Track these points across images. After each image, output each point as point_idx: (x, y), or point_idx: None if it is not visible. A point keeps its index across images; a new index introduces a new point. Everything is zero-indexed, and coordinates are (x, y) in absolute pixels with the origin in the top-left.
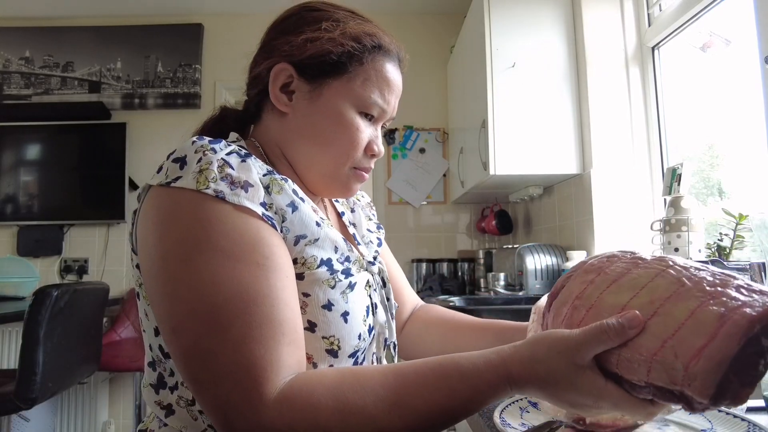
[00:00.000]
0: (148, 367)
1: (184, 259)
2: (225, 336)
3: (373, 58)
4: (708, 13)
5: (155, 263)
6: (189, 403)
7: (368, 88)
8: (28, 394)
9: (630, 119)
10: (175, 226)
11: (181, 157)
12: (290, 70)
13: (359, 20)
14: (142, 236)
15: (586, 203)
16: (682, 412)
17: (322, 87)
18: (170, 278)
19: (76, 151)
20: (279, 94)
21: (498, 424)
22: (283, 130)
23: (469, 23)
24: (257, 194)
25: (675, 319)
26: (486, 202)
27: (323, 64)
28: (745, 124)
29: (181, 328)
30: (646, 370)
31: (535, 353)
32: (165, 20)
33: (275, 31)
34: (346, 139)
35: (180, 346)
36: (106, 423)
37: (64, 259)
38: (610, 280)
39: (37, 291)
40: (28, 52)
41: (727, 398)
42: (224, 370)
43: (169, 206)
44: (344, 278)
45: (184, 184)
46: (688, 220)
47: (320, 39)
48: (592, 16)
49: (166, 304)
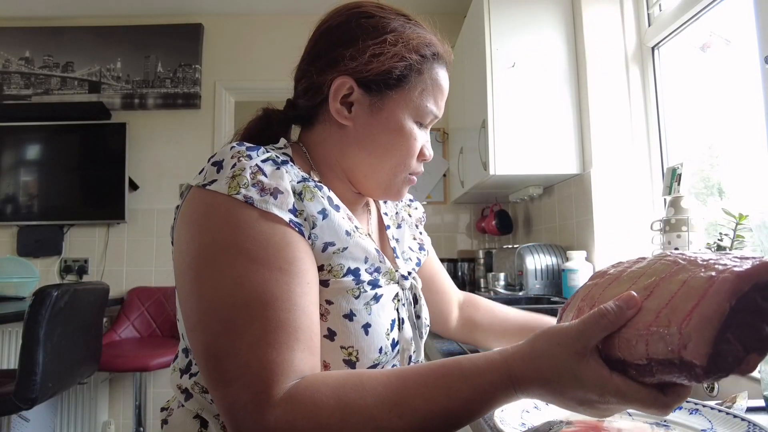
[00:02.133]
0: (181, 353)
1: (210, 259)
2: (241, 337)
3: (430, 67)
4: (708, 13)
5: (185, 261)
6: (203, 390)
7: (426, 98)
8: (28, 394)
9: (630, 119)
10: (205, 227)
11: (219, 161)
12: (351, 83)
13: (414, 26)
14: (177, 233)
15: (586, 203)
16: (682, 413)
17: (383, 100)
18: (196, 276)
19: (76, 151)
20: (340, 108)
21: (498, 424)
22: (341, 140)
23: (469, 23)
24: (286, 201)
25: (669, 292)
26: (486, 202)
27: (387, 79)
28: (745, 124)
29: (202, 325)
30: (645, 344)
31: (536, 348)
32: (165, 20)
33: (330, 40)
34: (404, 148)
35: (199, 343)
36: (106, 423)
37: (64, 260)
38: (612, 278)
39: (37, 291)
40: (28, 52)
41: (729, 362)
42: (236, 371)
43: (202, 208)
44: (370, 289)
45: (217, 187)
46: (688, 220)
47: (385, 54)
48: (592, 16)
49: (190, 301)
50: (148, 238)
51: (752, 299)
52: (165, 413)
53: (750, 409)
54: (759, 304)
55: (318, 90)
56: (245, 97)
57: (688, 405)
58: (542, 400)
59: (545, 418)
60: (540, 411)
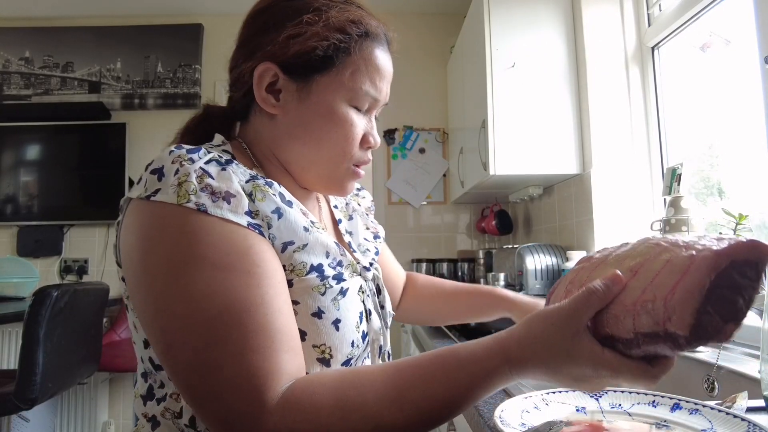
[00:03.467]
0: (140, 378)
1: (173, 274)
2: (223, 348)
3: (361, 46)
4: (708, 13)
5: (142, 279)
6: (175, 415)
7: (358, 79)
8: (28, 394)
9: (630, 119)
10: (159, 241)
11: (159, 168)
12: (275, 70)
13: (340, 5)
14: (125, 251)
15: (586, 203)
16: (682, 413)
17: (310, 84)
18: (161, 294)
19: (76, 151)
20: (265, 96)
21: (498, 424)
22: (273, 131)
23: (469, 23)
24: (240, 204)
25: (653, 270)
26: (486, 202)
27: (309, 60)
28: (745, 124)
29: (178, 343)
30: (632, 319)
31: (531, 330)
32: (165, 20)
33: (253, 27)
34: (340, 135)
35: (177, 362)
36: (106, 423)
37: (64, 260)
38: (598, 262)
39: (37, 291)
40: (28, 52)
41: (709, 332)
42: (225, 383)
43: (152, 221)
44: (335, 284)
45: (164, 198)
46: (688, 220)
47: (303, 35)
48: (591, 16)
49: (159, 321)
50: None
51: (729, 275)
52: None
53: (750, 409)
54: (735, 279)
55: (243, 79)
56: None
57: (688, 405)
58: (537, 380)
59: (545, 418)
60: (540, 411)
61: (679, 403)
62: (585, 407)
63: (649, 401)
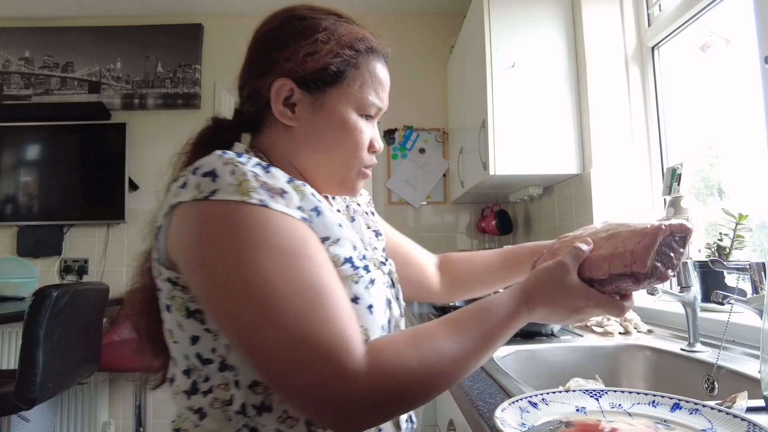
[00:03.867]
0: (181, 375)
1: (248, 263)
2: (307, 322)
3: (366, 61)
4: (708, 13)
5: (215, 272)
6: (225, 403)
7: (365, 91)
8: (28, 394)
9: (630, 119)
10: (229, 235)
11: (210, 171)
12: (291, 85)
13: (345, 23)
14: (187, 251)
15: (586, 203)
16: (682, 413)
17: (323, 96)
18: (239, 282)
19: (76, 151)
20: (282, 109)
21: (498, 424)
22: (289, 141)
23: (469, 23)
24: (292, 200)
25: (621, 236)
26: (486, 202)
27: (324, 76)
28: (745, 124)
29: (265, 323)
30: (608, 264)
31: (540, 277)
32: (165, 20)
33: (265, 44)
34: (351, 142)
35: (266, 341)
36: (106, 423)
37: (64, 260)
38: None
39: (37, 291)
40: (28, 52)
41: (657, 273)
42: (312, 354)
43: (217, 218)
44: (365, 274)
45: (225, 196)
46: (688, 220)
47: (318, 53)
48: (591, 16)
49: (240, 307)
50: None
51: (669, 240)
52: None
53: (750, 409)
54: (672, 244)
55: (259, 95)
56: None
57: (688, 405)
58: (542, 316)
59: (545, 418)
60: (540, 411)
61: (679, 403)
62: (585, 407)
63: (649, 401)
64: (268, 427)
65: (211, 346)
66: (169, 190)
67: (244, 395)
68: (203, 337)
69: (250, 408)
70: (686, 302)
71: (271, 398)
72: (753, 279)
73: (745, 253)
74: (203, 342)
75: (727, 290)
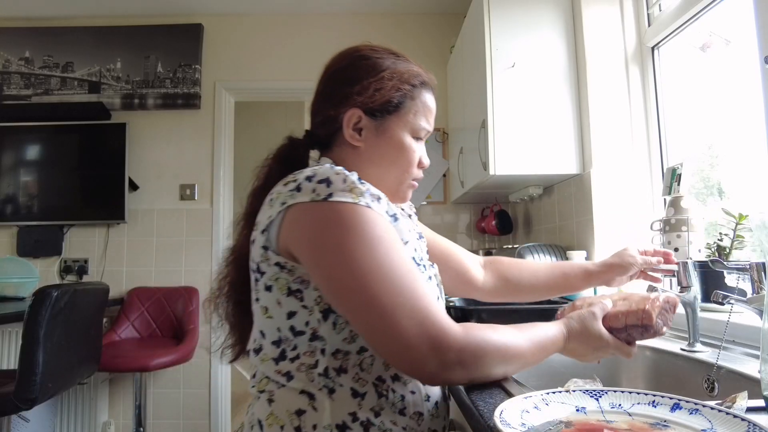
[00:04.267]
0: (271, 345)
1: (365, 250)
2: (414, 294)
3: (419, 93)
4: (707, 13)
5: (336, 257)
6: (311, 367)
7: (418, 118)
8: (28, 394)
9: (630, 119)
10: (347, 228)
11: (325, 178)
12: (360, 114)
13: (402, 62)
14: (309, 241)
15: (586, 203)
16: (682, 413)
17: (385, 123)
18: (362, 265)
19: (76, 151)
20: (352, 133)
21: (498, 424)
22: (355, 158)
23: (469, 23)
24: (384, 204)
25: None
26: (486, 202)
27: (387, 106)
28: (745, 124)
29: (383, 294)
30: (624, 318)
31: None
32: (165, 20)
33: (338, 80)
34: (406, 160)
35: (383, 307)
36: (106, 423)
37: (64, 260)
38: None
39: (37, 291)
40: (28, 52)
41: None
42: (422, 317)
43: (337, 215)
44: (424, 271)
45: (342, 198)
46: (688, 220)
47: (384, 88)
48: (591, 16)
49: (359, 282)
50: (148, 239)
51: (666, 306)
52: (265, 394)
53: (750, 409)
54: (667, 309)
55: (333, 121)
56: (245, 97)
57: (688, 405)
58: (572, 348)
59: (545, 418)
60: (540, 411)
61: (679, 403)
62: (585, 407)
63: (649, 401)
64: (344, 386)
65: (306, 320)
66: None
67: (327, 360)
68: (299, 312)
69: (331, 371)
70: (686, 302)
71: (347, 362)
72: (753, 279)
73: (745, 253)
74: (299, 316)
75: (727, 290)
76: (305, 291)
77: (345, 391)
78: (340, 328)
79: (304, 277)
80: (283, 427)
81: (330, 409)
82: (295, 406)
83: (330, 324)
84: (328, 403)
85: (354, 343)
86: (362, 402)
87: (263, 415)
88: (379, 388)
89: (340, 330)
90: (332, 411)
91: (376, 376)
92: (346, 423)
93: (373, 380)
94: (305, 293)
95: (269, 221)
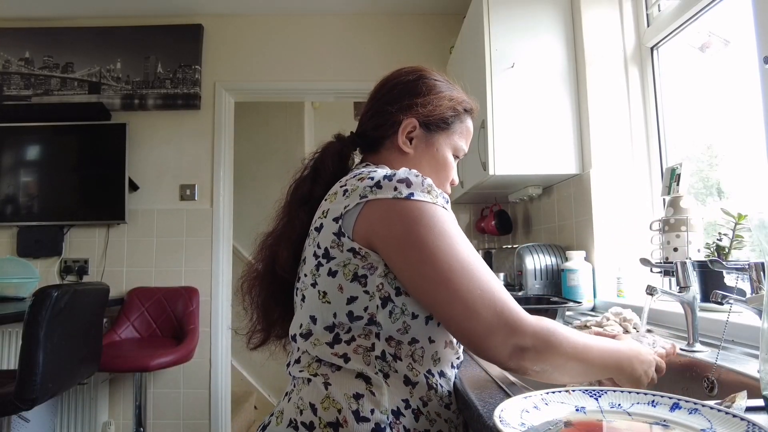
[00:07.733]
0: (323, 330)
1: (447, 244)
2: (492, 287)
3: (465, 118)
4: (707, 13)
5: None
6: (367, 349)
7: (461, 140)
8: (28, 394)
9: (629, 119)
10: (430, 225)
11: (404, 178)
12: (415, 123)
13: (454, 87)
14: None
15: (586, 203)
16: (681, 412)
17: (434, 137)
18: (446, 257)
19: (76, 151)
20: (404, 140)
21: (498, 424)
22: (402, 163)
23: (469, 24)
24: (449, 205)
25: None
26: (485, 202)
27: (439, 122)
28: (744, 125)
29: (463, 282)
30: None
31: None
32: (165, 21)
33: (403, 90)
34: (445, 174)
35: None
36: (106, 423)
37: (64, 260)
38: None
39: (37, 291)
40: (28, 52)
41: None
42: (495, 310)
43: (419, 213)
44: None
45: (422, 198)
46: (687, 220)
47: (442, 106)
48: (591, 17)
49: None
50: (148, 239)
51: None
52: (319, 378)
53: (749, 409)
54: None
55: (389, 125)
56: (245, 97)
57: (687, 405)
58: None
59: (545, 418)
60: (540, 411)
61: (678, 403)
62: (585, 407)
63: (649, 401)
64: (399, 373)
65: (365, 305)
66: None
67: (383, 345)
68: (360, 297)
69: (387, 355)
70: (685, 302)
71: (401, 351)
72: (752, 279)
73: (744, 253)
74: (359, 302)
75: (726, 290)
76: (370, 277)
77: (398, 378)
78: (395, 318)
79: (374, 263)
80: (340, 410)
81: (388, 395)
82: (352, 390)
83: (387, 312)
84: (385, 388)
85: (407, 334)
86: (413, 390)
87: (317, 399)
88: (429, 380)
89: (395, 320)
90: (389, 396)
91: (426, 369)
92: (400, 409)
93: (425, 372)
94: (369, 279)
95: (345, 210)
